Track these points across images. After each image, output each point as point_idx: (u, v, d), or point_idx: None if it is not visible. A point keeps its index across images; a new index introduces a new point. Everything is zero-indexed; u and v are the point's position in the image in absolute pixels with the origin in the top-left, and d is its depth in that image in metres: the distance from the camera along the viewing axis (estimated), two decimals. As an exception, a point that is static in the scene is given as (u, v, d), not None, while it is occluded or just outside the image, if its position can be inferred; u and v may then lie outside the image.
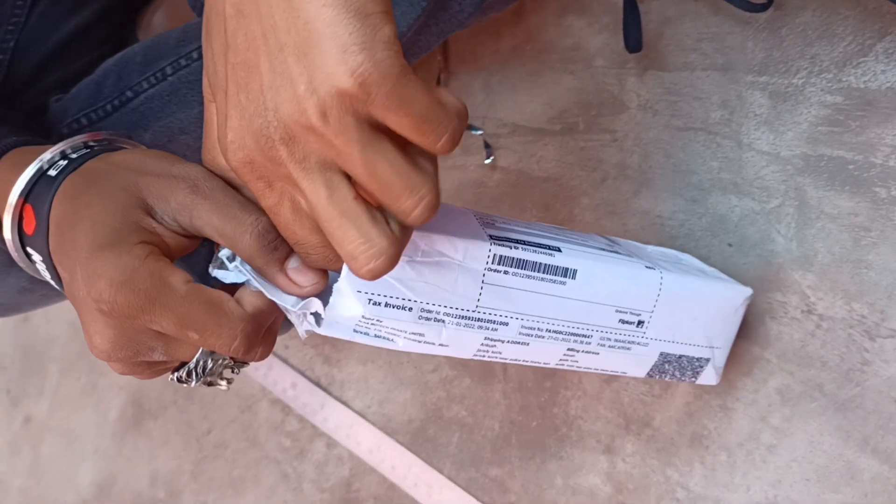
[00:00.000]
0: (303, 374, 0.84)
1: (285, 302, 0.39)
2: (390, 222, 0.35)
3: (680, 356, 0.53)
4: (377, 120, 0.33)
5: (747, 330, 0.63)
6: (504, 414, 0.73)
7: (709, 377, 0.57)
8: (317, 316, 0.40)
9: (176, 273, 0.37)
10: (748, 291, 0.56)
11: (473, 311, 0.43)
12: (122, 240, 0.37)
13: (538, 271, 0.45)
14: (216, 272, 0.40)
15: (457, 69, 0.78)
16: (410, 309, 0.41)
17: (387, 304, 0.41)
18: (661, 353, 0.51)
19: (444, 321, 0.42)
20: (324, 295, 0.41)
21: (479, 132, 0.77)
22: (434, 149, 0.34)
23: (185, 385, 0.42)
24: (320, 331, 0.41)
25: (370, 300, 0.40)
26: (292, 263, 0.39)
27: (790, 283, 0.61)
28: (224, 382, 0.43)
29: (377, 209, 0.35)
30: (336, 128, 0.32)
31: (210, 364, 0.41)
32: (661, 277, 0.49)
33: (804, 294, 0.61)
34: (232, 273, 0.40)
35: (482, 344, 0.45)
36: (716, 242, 0.65)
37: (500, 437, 0.73)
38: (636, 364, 0.51)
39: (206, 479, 0.89)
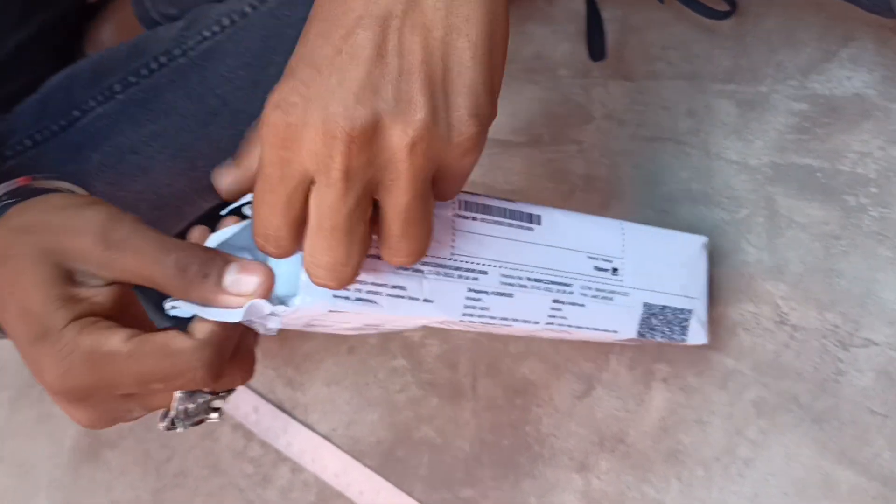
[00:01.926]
0: (265, 397, 0.81)
1: (231, 317, 0.37)
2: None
3: (663, 307, 0.52)
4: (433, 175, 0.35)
5: (721, 342, 0.62)
6: (474, 433, 0.71)
7: (697, 334, 0.55)
8: (275, 312, 0.38)
9: (113, 336, 0.35)
10: (703, 238, 0.56)
11: (450, 259, 0.42)
12: (51, 328, 0.35)
13: (504, 216, 0.45)
14: (173, 312, 0.38)
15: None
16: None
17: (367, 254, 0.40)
18: (645, 304, 0.51)
19: (423, 271, 0.41)
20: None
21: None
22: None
23: (178, 430, 0.40)
24: (296, 307, 0.38)
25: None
26: (228, 279, 0.36)
27: (762, 293, 0.61)
28: (215, 415, 0.41)
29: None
30: (420, 167, 0.34)
31: (191, 406, 0.39)
32: (621, 224, 0.50)
33: (777, 304, 0.60)
34: (184, 305, 0.38)
35: (467, 298, 0.44)
36: (686, 253, 0.64)
37: (472, 456, 0.71)
38: (624, 319, 0.50)
39: (167, 508, 0.86)
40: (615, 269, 0.49)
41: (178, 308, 0.38)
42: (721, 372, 0.62)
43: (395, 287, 0.41)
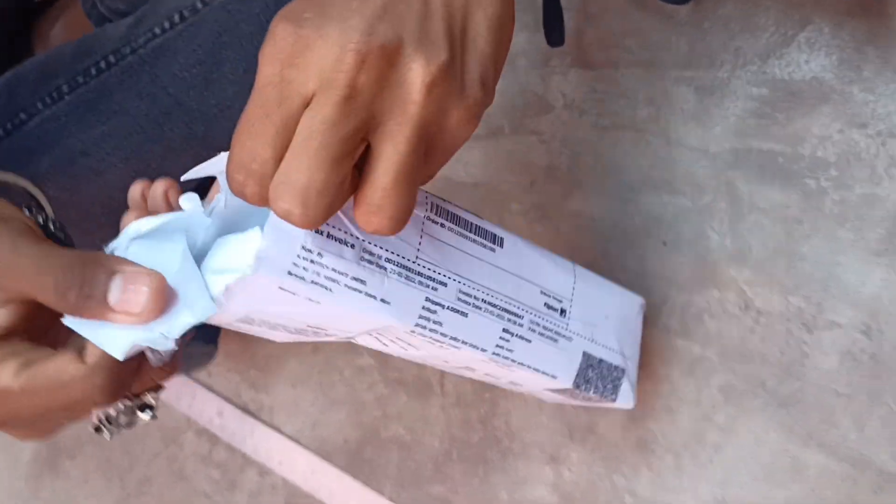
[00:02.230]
0: (229, 401, 0.80)
1: (113, 349, 0.33)
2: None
3: (600, 360, 0.51)
4: (431, 131, 0.32)
5: (687, 329, 0.62)
6: (444, 429, 0.71)
7: (626, 396, 0.54)
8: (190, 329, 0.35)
9: (3, 372, 0.32)
10: (640, 299, 0.55)
11: (414, 263, 0.41)
12: None
13: (470, 231, 0.44)
14: (68, 323, 0.35)
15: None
16: (353, 246, 0.38)
17: (329, 235, 0.37)
18: (584, 354, 0.50)
19: (386, 269, 0.39)
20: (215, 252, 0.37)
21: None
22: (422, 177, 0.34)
23: (106, 437, 0.38)
24: (249, 276, 0.35)
25: (303, 246, 0.36)
26: (113, 297, 0.33)
27: (727, 279, 0.61)
28: (145, 415, 0.39)
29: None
30: (428, 116, 0.31)
31: (112, 413, 0.37)
32: (574, 266, 0.49)
33: (741, 290, 0.60)
34: (75, 323, 0.35)
35: (423, 307, 0.42)
36: (650, 242, 0.63)
37: (441, 453, 0.70)
38: (564, 365, 0.49)
39: (132, 517, 0.84)
40: (563, 311, 0.48)
41: (73, 323, 0.35)
42: (688, 359, 0.62)
43: (355, 279, 0.38)
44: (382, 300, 0.40)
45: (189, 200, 0.39)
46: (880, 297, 0.57)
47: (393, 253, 0.40)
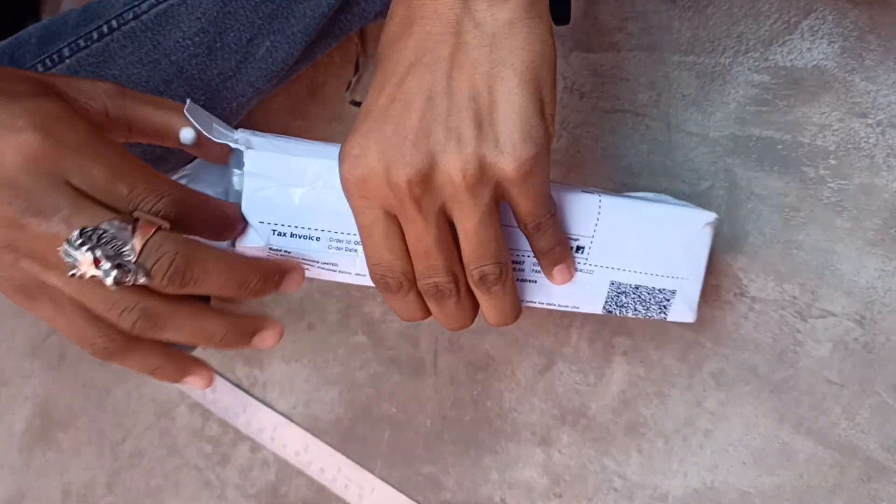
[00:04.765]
0: (223, 375, 0.80)
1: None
2: None
3: (637, 286, 0.49)
4: (502, 196, 0.39)
5: (681, 314, 0.62)
6: (436, 409, 0.71)
7: (681, 312, 0.51)
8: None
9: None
10: (711, 216, 0.50)
11: None
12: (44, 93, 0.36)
13: None
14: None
15: (374, 52, 0.75)
16: (318, 239, 0.42)
17: (293, 235, 0.41)
18: (612, 283, 0.48)
19: (356, 250, 0.42)
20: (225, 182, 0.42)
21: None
22: (530, 232, 0.42)
23: (127, 278, 0.34)
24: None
25: (274, 230, 0.41)
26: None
27: (722, 265, 0.61)
28: (129, 251, 0.34)
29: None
30: (479, 194, 0.37)
31: (114, 232, 0.34)
32: (601, 200, 0.47)
33: (736, 276, 0.60)
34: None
35: None
36: (647, 226, 0.63)
37: (433, 433, 0.71)
38: (587, 296, 0.48)
39: (123, 490, 0.84)
40: (580, 248, 0.48)
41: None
42: (681, 344, 0.62)
43: (326, 263, 0.42)
44: (357, 274, 0.43)
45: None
46: (875, 286, 0.57)
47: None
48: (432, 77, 0.37)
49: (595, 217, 0.47)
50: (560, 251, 0.44)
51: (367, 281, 0.43)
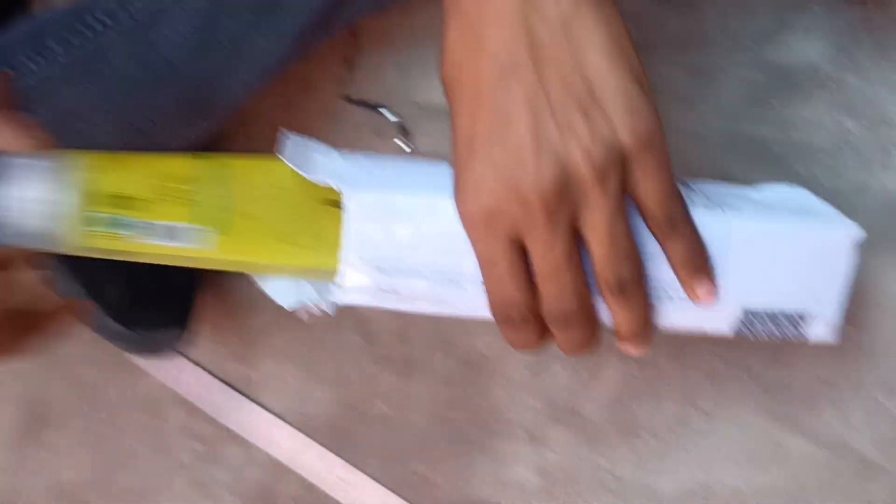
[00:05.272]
0: (214, 374, 0.79)
1: (283, 302, 0.40)
2: None
3: (772, 313, 0.44)
4: (627, 186, 0.36)
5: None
6: (429, 408, 0.70)
7: (821, 333, 0.45)
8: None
9: None
10: (857, 232, 0.44)
11: None
12: None
13: None
14: None
15: (367, 48, 0.75)
16: (425, 276, 0.40)
17: (397, 270, 0.39)
18: (745, 310, 0.43)
19: (459, 282, 0.40)
20: None
21: (396, 120, 0.74)
22: (662, 231, 0.37)
23: None
24: (339, 302, 0.40)
25: (377, 267, 0.39)
26: None
27: (716, 263, 0.61)
28: None
29: None
30: (607, 179, 0.35)
31: None
32: (731, 224, 0.42)
33: (730, 275, 0.60)
34: None
35: None
36: (640, 225, 0.63)
37: (426, 432, 0.70)
38: (714, 319, 0.43)
39: (115, 489, 0.84)
40: None
41: None
42: (674, 343, 0.62)
43: (434, 299, 0.40)
44: (468, 306, 0.41)
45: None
46: (867, 284, 0.57)
47: (466, 268, 0.40)
48: (521, 85, 0.35)
49: (728, 243, 0.43)
50: (700, 259, 0.40)
51: (478, 313, 0.40)
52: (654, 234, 0.38)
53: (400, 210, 0.39)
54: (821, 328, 0.45)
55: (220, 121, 0.60)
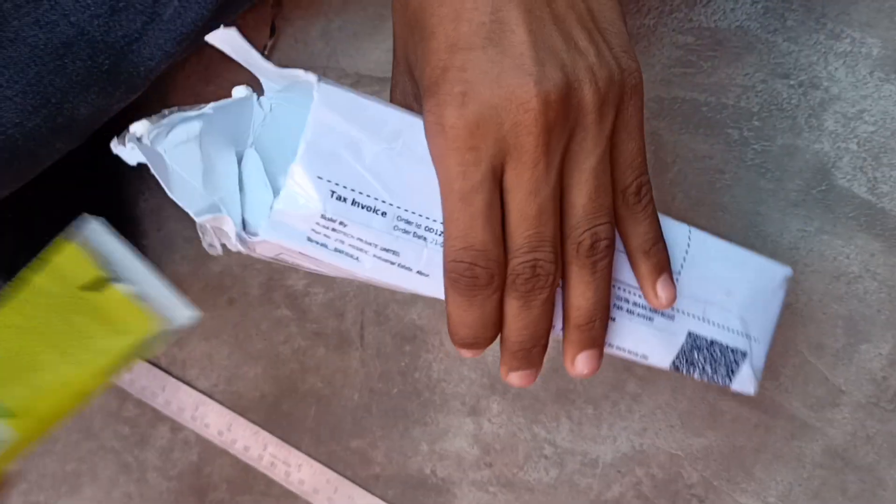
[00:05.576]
0: (140, 354, 0.77)
1: (189, 207, 0.31)
2: None
3: (711, 342, 0.42)
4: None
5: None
6: (363, 382, 0.69)
7: (745, 381, 0.44)
8: (238, 235, 0.33)
9: None
10: (788, 270, 0.45)
11: None
12: None
13: None
14: (119, 149, 0.34)
15: (291, 14, 0.72)
16: (384, 214, 0.33)
17: (354, 203, 0.33)
18: (690, 334, 0.41)
19: (425, 238, 0.34)
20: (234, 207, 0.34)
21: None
22: (628, 203, 0.34)
23: None
24: (258, 239, 0.32)
25: (333, 193, 0.32)
26: None
27: (649, 229, 0.61)
28: None
29: None
30: (605, 115, 0.31)
31: None
32: (690, 232, 0.41)
33: (663, 240, 0.60)
34: (128, 152, 0.33)
35: None
36: (574, 191, 0.63)
37: (360, 406, 0.69)
38: (660, 344, 0.41)
39: (36, 476, 0.81)
40: None
41: (124, 150, 0.33)
42: (609, 309, 0.62)
43: (385, 250, 0.34)
44: (419, 272, 0.35)
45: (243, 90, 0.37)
46: (797, 247, 0.57)
47: (436, 220, 0.34)
48: None
49: (683, 251, 0.40)
50: (662, 251, 0.36)
51: (429, 287, 0.35)
52: (616, 206, 0.34)
53: (374, 122, 0.33)
54: (748, 373, 0.44)
55: (137, 90, 0.57)
